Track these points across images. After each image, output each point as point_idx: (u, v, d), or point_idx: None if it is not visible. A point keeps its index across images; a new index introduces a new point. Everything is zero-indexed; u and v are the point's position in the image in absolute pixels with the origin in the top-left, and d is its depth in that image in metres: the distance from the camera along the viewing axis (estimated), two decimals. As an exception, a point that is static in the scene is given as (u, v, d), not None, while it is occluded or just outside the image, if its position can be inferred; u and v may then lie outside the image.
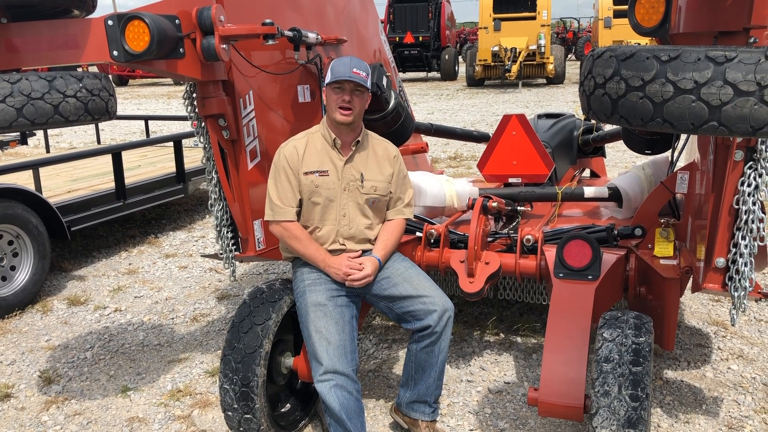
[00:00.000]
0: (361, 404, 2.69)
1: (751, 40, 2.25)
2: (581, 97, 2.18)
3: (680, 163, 3.39)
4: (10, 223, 4.64)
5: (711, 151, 2.65)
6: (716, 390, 3.39)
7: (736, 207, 2.53)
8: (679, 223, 3.21)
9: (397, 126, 3.85)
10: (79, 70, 3.42)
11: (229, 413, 2.85)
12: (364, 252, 2.98)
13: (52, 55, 2.63)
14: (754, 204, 2.49)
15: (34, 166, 5.20)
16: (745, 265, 2.56)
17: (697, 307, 4.35)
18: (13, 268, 4.73)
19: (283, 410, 3.12)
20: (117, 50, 2.54)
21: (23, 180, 5.26)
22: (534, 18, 20.03)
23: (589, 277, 2.96)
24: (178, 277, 5.30)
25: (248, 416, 2.81)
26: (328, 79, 2.85)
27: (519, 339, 3.98)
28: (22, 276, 4.73)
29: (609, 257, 3.07)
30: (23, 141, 8.65)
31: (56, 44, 2.60)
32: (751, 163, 2.47)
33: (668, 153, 3.60)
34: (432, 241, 3.42)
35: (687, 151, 3.47)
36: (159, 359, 3.95)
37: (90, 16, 2.88)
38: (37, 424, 3.32)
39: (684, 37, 2.58)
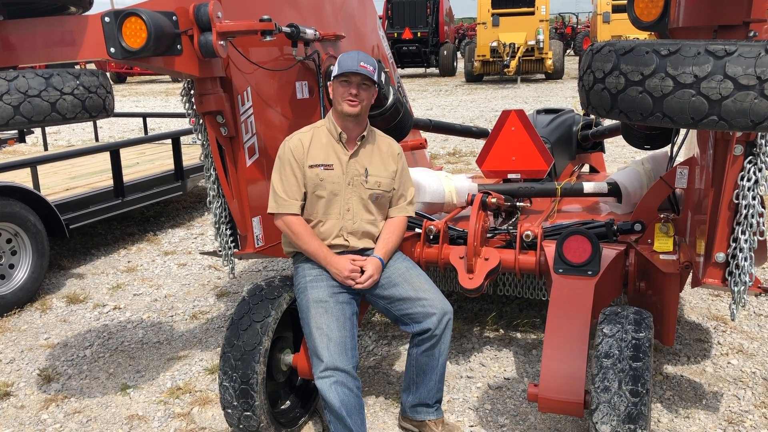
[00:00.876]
0: (361, 401, 2.69)
1: (751, 33, 2.24)
2: (580, 92, 2.17)
3: (680, 158, 3.38)
4: (8, 222, 4.63)
5: (710, 145, 2.64)
6: (716, 385, 3.39)
7: (736, 202, 2.53)
8: (679, 218, 3.21)
9: (396, 122, 3.84)
10: (77, 67, 3.41)
11: (229, 410, 2.85)
12: (366, 251, 2.97)
13: (48, 52, 2.62)
14: (753, 198, 2.49)
15: (32, 163, 5.19)
16: (745, 260, 2.56)
17: (696, 302, 4.35)
18: (11, 266, 4.72)
19: (282, 407, 3.11)
20: (114, 47, 2.53)
21: (21, 178, 5.25)
22: (532, 13, 20.00)
23: (589, 272, 2.96)
24: (177, 275, 5.30)
25: (248, 413, 2.81)
26: (335, 72, 2.84)
27: (519, 335, 3.97)
28: (20, 274, 4.72)
29: (608, 252, 3.07)
30: (21, 139, 8.65)
31: (53, 41, 2.59)
32: (750, 157, 2.47)
33: (667, 148, 3.60)
34: (431, 237, 3.42)
35: (686, 146, 3.46)
36: (158, 357, 3.94)
37: (87, 13, 2.87)
38: (36, 422, 3.31)
39: (683, 32, 2.57)
